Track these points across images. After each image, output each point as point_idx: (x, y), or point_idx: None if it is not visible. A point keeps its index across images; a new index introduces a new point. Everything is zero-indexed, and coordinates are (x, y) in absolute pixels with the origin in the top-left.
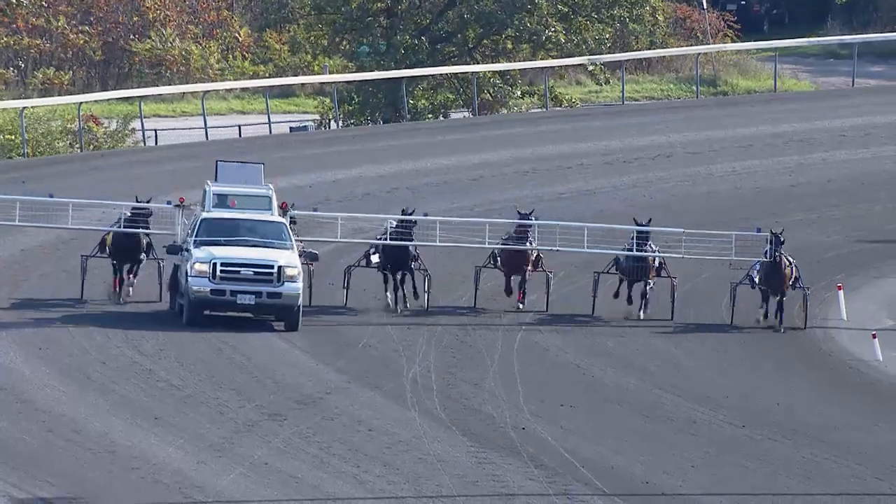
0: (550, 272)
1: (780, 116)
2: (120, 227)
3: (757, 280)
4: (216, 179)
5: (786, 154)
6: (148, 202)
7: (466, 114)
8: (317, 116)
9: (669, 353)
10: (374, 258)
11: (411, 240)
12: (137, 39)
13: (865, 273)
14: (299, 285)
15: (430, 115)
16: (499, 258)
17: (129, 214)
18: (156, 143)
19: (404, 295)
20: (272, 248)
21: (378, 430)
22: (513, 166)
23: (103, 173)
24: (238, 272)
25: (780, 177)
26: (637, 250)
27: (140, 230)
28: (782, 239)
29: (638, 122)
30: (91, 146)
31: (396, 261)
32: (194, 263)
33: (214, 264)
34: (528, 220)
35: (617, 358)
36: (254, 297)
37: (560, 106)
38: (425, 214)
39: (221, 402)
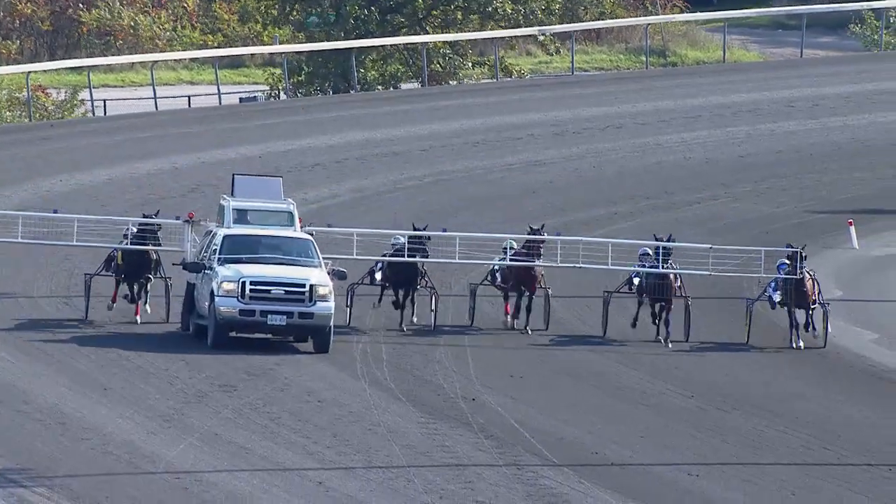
0: (549, 289)
1: (730, 87)
2: (127, 243)
3: (777, 298)
4: (232, 193)
5: (735, 125)
6: (156, 215)
7: (416, 85)
8: (266, 87)
9: (621, 325)
10: (378, 275)
11: (425, 256)
12: (86, 9)
13: (814, 244)
14: (331, 304)
15: (380, 86)
16: (499, 276)
17: (135, 230)
18: (105, 114)
19: (412, 312)
20: (300, 265)
21: (328, 400)
22: (462, 137)
23: (53, 143)
24: (268, 291)
25: (730, 148)
26: (659, 268)
27: (150, 247)
28: (804, 255)
29: (587, 93)
30: (40, 116)
31: (404, 278)
32: (222, 282)
33: (243, 283)
34: (541, 235)
35: (567, 329)
36: (285, 317)
37: (510, 77)
38: (444, 230)
39: (171, 374)
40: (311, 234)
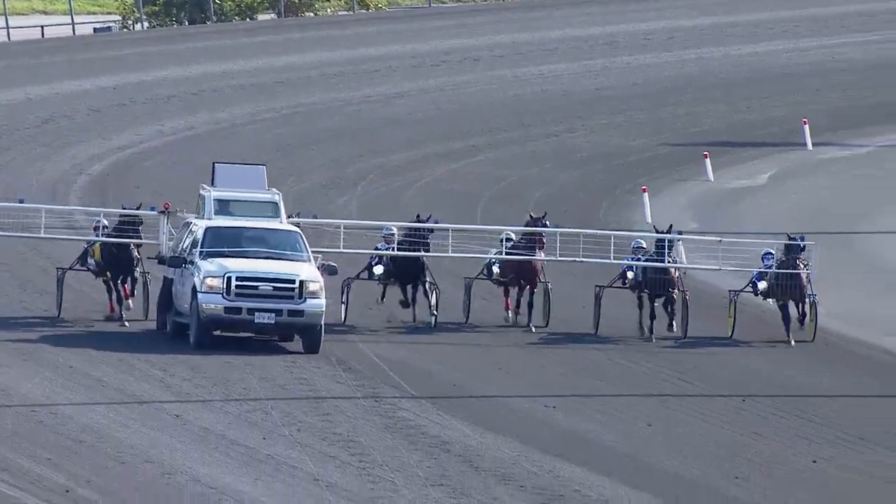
0: (549, 283)
1: (586, 20)
2: (100, 236)
3: (761, 288)
4: (213, 183)
5: (591, 58)
6: (138, 209)
7: (273, 16)
8: (120, 17)
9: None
10: (377, 269)
11: (427, 249)
12: None
13: (669, 176)
14: (322, 301)
15: (236, 17)
16: (498, 269)
17: (107, 222)
18: None
19: (415, 309)
20: (288, 260)
21: (185, 335)
22: (320, 69)
23: None
24: (255, 287)
25: (586, 80)
26: (659, 260)
27: (131, 240)
28: (803, 245)
29: (445, 26)
30: None
31: (408, 273)
32: (205, 278)
33: (229, 278)
34: (543, 225)
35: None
36: (273, 315)
37: (367, 9)
38: (436, 221)
39: (27, 307)
40: (298, 226)
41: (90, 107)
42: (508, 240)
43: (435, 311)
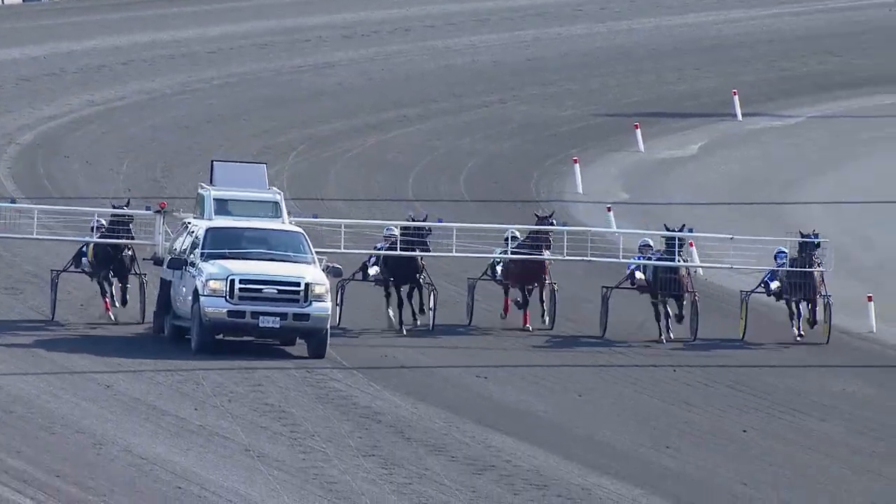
0: (555, 283)
1: None
2: (93, 236)
3: (774, 287)
4: (211, 182)
5: (522, 28)
6: (126, 205)
7: None
8: None
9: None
10: (373, 270)
11: (426, 249)
12: None
13: (600, 147)
14: (328, 305)
15: None
16: (502, 270)
17: (103, 222)
18: None
19: (412, 311)
20: (292, 261)
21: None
22: (251, 39)
23: None
24: (259, 290)
25: (517, 51)
26: (670, 260)
27: (123, 240)
28: (818, 242)
29: None
30: None
31: (404, 273)
32: (208, 280)
33: (232, 281)
34: (550, 224)
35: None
36: (278, 318)
37: None
38: (439, 220)
39: None
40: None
41: (20, 76)
42: (514, 238)
43: (430, 311)
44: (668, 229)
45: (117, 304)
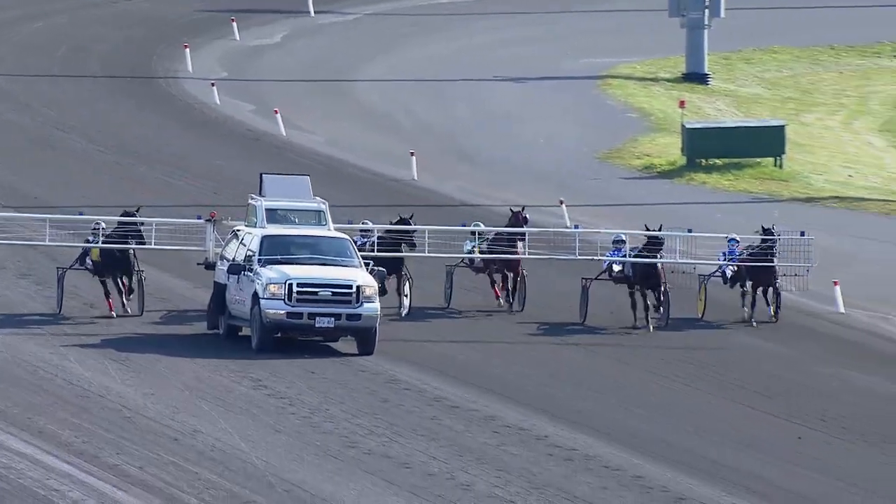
0: (526, 272)
1: None
2: (99, 241)
3: (730, 273)
4: (261, 193)
5: None
6: (137, 212)
7: None
8: None
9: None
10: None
11: (413, 245)
12: None
13: (206, 36)
14: (377, 305)
15: None
16: (481, 260)
17: (104, 227)
18: None
19: (400, 304)
20: (341, 266)
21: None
22: None
23: None
24: (315, 293)
25: None
26: (650, 258)
27: (132, 245)
28: (777, 234)
29: None
30: None
31: (390, 268)
32: (267, 284)
33: (290, 285)
34: (524, 219)
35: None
36: (333, 319)
37: None
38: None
39: None
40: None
41: None
42: (480, 234)
43: (407, 296)
44: (647, 229)
45: (124, 296)
